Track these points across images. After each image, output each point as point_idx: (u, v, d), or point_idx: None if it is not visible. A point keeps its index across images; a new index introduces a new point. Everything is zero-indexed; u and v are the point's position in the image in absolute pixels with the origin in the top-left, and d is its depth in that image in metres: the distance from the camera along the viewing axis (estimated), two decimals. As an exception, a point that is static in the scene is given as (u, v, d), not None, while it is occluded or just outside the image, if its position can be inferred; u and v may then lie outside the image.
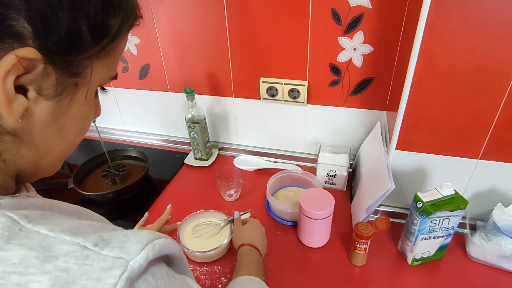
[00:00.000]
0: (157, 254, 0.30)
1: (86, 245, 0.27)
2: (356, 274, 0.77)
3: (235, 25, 0.96)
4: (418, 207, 0.71)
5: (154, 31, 1.06)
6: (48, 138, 0.32)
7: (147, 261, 0.28)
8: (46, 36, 0.27)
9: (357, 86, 0.96)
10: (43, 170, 0.36)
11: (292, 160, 1.15)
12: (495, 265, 0.77)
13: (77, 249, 0.26)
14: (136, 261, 0.27)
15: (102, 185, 1.05)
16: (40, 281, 0.24)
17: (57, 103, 0.31)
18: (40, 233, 0.26)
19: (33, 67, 0.28)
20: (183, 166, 1.17)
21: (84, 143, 1.34)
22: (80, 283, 0.24)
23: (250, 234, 0.74)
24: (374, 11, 0.83)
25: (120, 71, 1.19)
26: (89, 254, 0.26)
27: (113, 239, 0.28)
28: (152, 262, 0.29)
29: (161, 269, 0.31)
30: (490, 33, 0.61)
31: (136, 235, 0.30)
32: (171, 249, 0.33)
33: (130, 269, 0.26)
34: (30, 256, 0.25)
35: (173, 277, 0.32)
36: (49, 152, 0.34)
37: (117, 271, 0.26)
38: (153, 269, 0.30)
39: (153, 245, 0.29)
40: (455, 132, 0.73)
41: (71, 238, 0.27)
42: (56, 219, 0.29)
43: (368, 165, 0.91)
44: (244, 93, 1.08)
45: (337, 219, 0.89)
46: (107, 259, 0.26)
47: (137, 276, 0.27)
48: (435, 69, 0.67)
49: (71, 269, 0.25)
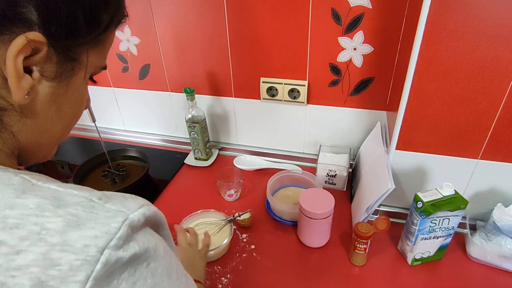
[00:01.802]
0: (152, 216, 0.34)
1: (92, 198, 0.31)
2: (356, 274, 0.77)
3: (235, 25, 0.96)
4: (418, 207, 0.71)
5: (154, 31, 1.06)
6: (48, 117, 0.36)
7: (144, 217, 0.32)
8: (50, 23, 0.32)
9: (357, 86, 0.96)
10: (40, 151, 0.39)
11: (292, 160, 1.15)
12: (495, 265, 0.77)
13: (84, 200, 0.30)
14: (135, 215, 0.31)
15: (102, 185, 1.05)
16: (55, 222, 0.28)
17: (57, 84, 0.35)
18: (50, 188, 0.31)
19: (38, 50, 0.32)
20: (183, 166, 1.17)
21: (84, 143, 1.35)
22: (89, 225, 0.28)
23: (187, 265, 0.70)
24: (374, 11, 0.83)
25: (120, 71, 1.19)
26: (94, 205, 0.30)
27: (114, 197, 0.33)
28: (148, 224, 0.33)
29: (161, 240, 0.35)
30: (490, 33, 0.61)
31: (133, 198, 0.34)
32: (161, 218, 0.37)
33: (131, 219, 0.30)
34: (44, 203, 0.29)
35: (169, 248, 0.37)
36: (48, 132, 0.37)
37: (120, 218, 0.30)
38: (151, 231, 0.33)
39: (149, 207, 0.33)
40: (455, 132, 0.73)
41: (79, 192, 0.31)
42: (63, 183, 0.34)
43: (368, 165, 0.91)
44: (244, 93, 1.08)
45: (337, 219, 0.89)
46: (110, 210, 0.30)
47: (137, 229, 0.31)
48: (435, 69, 0.67)
49: (80, 214, 0.29)
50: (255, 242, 0.86)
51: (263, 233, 0.89)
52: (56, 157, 1.27)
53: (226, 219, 0.87)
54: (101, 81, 1.24)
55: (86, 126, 1.40)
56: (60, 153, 1.30)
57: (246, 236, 0.88)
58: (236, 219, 0.88)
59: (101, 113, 1.32)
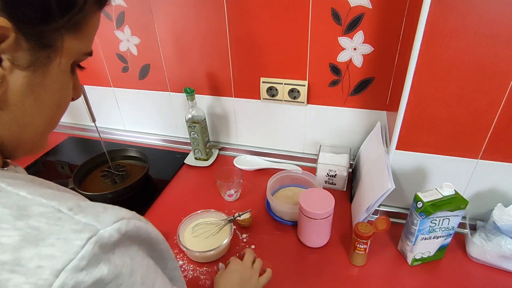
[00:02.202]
0: (132, 231, 0.30)
1: (60, 209, 0.27)
2: (356, 274, 0.77)
3: (235, 25, 0.96)
4: (418, 207, 0.71)
5: (154, 31, 1.06)
6: (26, 109, 0.33)
7: (119, 234, 0.28)
8: (15, 6, 0.29)
9: (357, 86, 0.96)
10: (26, 145, 0.36)
11: (292, 160, 1.15)
12: (495, 265, 0.77)
13: (50, 211, 0.27)
14: (107, 230, 0.27)
15: (102, 185, 1.05)
16: (10, 235, 0.25)
17: (32, 73, 0.32)
18: (19, 194, 0.28)
19: (4, 37, 0.29)
20: (183, 166, 1.17)
21: (84, 143, 1.35)
22: (48, 241, 0.25)
23: (229, 283, 0.65)
24: (374, 11, 0.83)
25: (120, 71, 1.19)
26: (61, 217, 0.27)
27: (90, 208, 0.29)
28: (129, 242, 0.30)
29: (143, 260, 0.31)
30: (490, 33, 0.61)
31: (114, 210, 0.30)
32: (152, 233, 0.33)
33: (100, 236, 0.27)
34: (4, 213, 0.26)
35: (154, 273, 0.33)
36: (29, 125, 0.35)
37: (85, 235, 0.26)
38: (133, 253, 0.30)
39: (128, 222, 0.30)
40: (455, 132, 0.73)
41: (47, 201, 0.28)
42: (39, 188, 0.30)
43: (368, 165, 0.91)
44: (244, 93, 1.08)
45: (337, 219, 0.89)
46: (79, 223, 0.27)
47: (110, 247, 0.27)
48: (435, 69, 0.67)
49: (42, 227, 0.26)
50: (255, 242, 0.86)
51: (263, 233, 0.89)
52: (56, 157, 1.27)
53: (226, 219, 0.87)
54: (101, 81, 1.24)
55: (86, 126, 1.40)
56: (60, 153, 1.30)
57: (246, 236, 0.88)
58: (236, 219, 0.88)
59: (101, 113, 1.32)
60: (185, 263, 0.82)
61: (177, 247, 0.85)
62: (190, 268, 0.80)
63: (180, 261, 0.82)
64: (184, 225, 0.86)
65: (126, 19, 1.06)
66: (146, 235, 0.32)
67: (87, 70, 1.32)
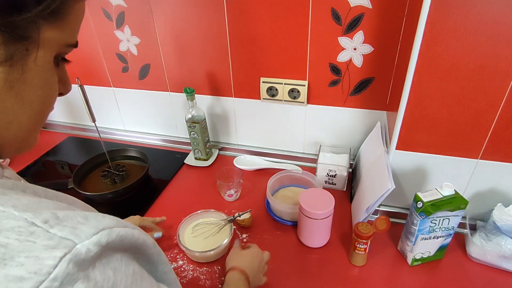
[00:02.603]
0: (115, 242, 0.28)
1: (34, 221, 0.25)
2: (356, 274, 0.77)
3: (235, 25, 0.96)
4: (418, 207, 0.71)
5: (154, 31, 1.06)
6: (7, 107, 0.31)
7: (98, 247, 0.26)
8: None
9: (357, 86, 0.96)
10: (12, 144, 0.34)
11: (292, 160, 1.15)
12: (495, 265, 0.77)
13: (23, 224, 0.25)
14: (84, 245, 0.25)
15: (102, 185, 1.05)
16: None
17: (9, 68, 0.30)
18: None
19: None
20: (183, 166, 1.17)
21: (84, 143, 1.35)
22: (17, 260, 0.23)
23: (245, 260, 0.69)
24: (374, 11, 0.83)
25: (120, 71, 1.19)
26: (35, 231, 0.24)
27: (68, 218, 0.27)
28: (112, 252, 0.28)
29: (128, 266, 0.29)
30: (490, 33, 0.61)
31: (97, 219, 0.28)
32: (139, 239, 0.31)
33: (75, 252, 0.24)
34: None
35: (140, 281, 0.31)
36: (13, 123, 0.33)
37: (58, 252, 0.24)
38: (116, 263, 0.28)
39: (110, 232, 0.27)
40: (455, 132, 0.73)
41: (20, 213, 0.25)
42: (15, 196, 0.28)
43: (368, 165, 0.91)
44: (244, 93, 1.08)
45: (337, 219, 0.89)
46: (54, 237, 0.24)
47: (89, 262, 0.25)
48: (435, 69, 0.67)
49: (11, 244, 0.23)
50: (255, 242, 0.86)
51: (263, 233, 0.89)
52: (56, 157, 1.27)
53: (226, 219, 0.87)
54: (101, 81, 1.24)
55: (86, 126, 1.40)
56: (60, 153, 1.30)
57: (246, 236, 0.88)
58: (236, 219, 0.88)
59: (101, 113, 1.32)
60: (185, 263, 0.82)
61: (177, 247, 0.85)
62: (190, 268, 0.80)
63: (180, 261, 0.82)
64: (184, 225, 0.86)
65: (126, 19, 1.06)
66: (131, 242, 0.30)
67: (87, 70, 1.32)
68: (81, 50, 1.18)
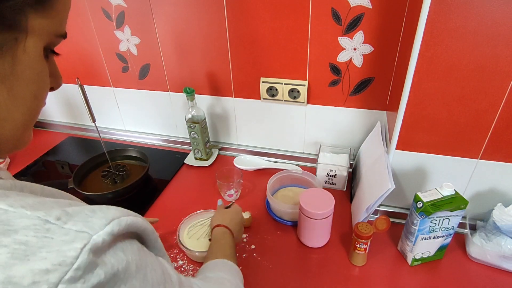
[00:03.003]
0: (123, 230, 0.30)
1: (48, 219, 0.26)
2: (356, 274, 0.77)
3: (235, 25, 0.96)
4: (418, 207, 0.71)
5: (154, 31, 1.06)
6: (0, 103, 0.31)
7: (111, 236, 0.28)
8: None
9: (357, 86, 0.96)
10: (7, 142, 0.34)
11: (292, 160, 1.15)
12: (495, 265, 0.77)
13: (38, 223, 0.26)
14: (100, 235, 0.27)
15: (102, 185, 1.05)
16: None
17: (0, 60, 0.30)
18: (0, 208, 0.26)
19: None
20: (183, 166, 1.17)
21: (84, 143, 1.35)
22: (40, 255, 0.24)
23: (227, 218, 0.75)
24: (374, 11, 0.83)
25: (120, 71, 1.19)
26: (50, 228, 0.26)
27: (77, 213, 0.28)
28: (120, 237, 0.30)
29: (132, 245, 0.31)
30: (490, 33, 0.61)
31: (103, 211, 0.29)
32: (141, 226, 0.33)
33: (93, 243, 0.26)
34: None
35: (145, 255, 0.33)
36: (6, 120, 0.32)
37: (78, 244, 0.25)
38: (123, 244, 0.30)
39: (119, 221, 0.29)
40: (455, 132, 0.73)
41: (32, 212, 0.26)
42: (19, 197, 0.29)
43: (368, 165, 0.91)
44: (244, 93, 1.08)
45: (337, 219, 0.89)
46: (69, 232, 0.26)
47: (103, 250, 0.27)
48: (435, 69, 0.67)
49: (30, 242, 0.25)
50: (255, 242, 0.86)
51: (263, 233, 0.89)
52: (56, 157, 1.27)
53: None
54: (101, 81, 1.24)
55: (86, 126, 1.40)
56: (60, 153, 1.30)
57: (246, 236, 0.88)
58: None
59: (101, 113, 1.32)
60: (185, 263, 0.82)
61: (177, 247, 0.85)
62: (190, 268, 0.80)
63: (180, 261, 0.82)
64: (184, 225, 0.86)
65: (126, 19, 1.06)
66: (136, 227, 0.32)
67: (87, 70, 1.32)
68: (81, 50, 1.18)
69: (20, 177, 1.16)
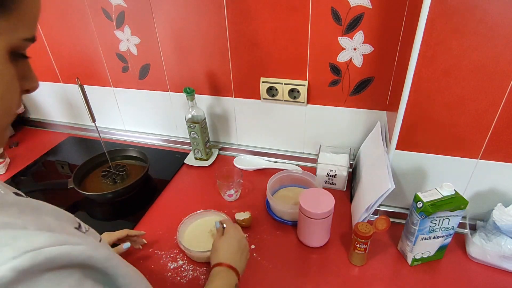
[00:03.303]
0: (41, 264, 0.26)
1: None
2: (356, 274, 0.77)
3: (235, 24, 0.96)
4: (418, 207, 0.71)
5: (154, 31, 1.06)
6: None
7: (16, 272, 0.24)
8: None
9: (357, 86, 0.96)
10: None
11: (292, 160, 1.15)
12: (495, 265, 0.77)
13: None
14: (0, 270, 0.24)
15: (102, 185, 1.05)
16: None
17: None
18: None
19: None
20: (183, 166, 1.17)
21: (84, 143, 1.35)
22: None
23: (225, 250, 0.66)
24: (374, 11, 0.83)
25: (120, 71, 1.19)
26: None
27: None
28: (39, 274, 0.26)
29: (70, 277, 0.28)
30: (490, 33, 0.61)
31: (28, 239, 0.26)
32: (80, 256, 0.29)
33: None
34: None
35: None
36: None
37: None
38: (53, 276, 0.27)
39: (36, 254, 0.26)
40: (455, 132, 0.73)
41: None
42: None
43: (368, 165, 0.91)
44: (244, 93, 1.08)
45: (337, 219, 0.89)
46: None
47: (4, 286, 0.24)
48: (435, 69, 0.67)
49: None
50: (255, 242, 0.86)
51: (263, 233, 0.89)
52: (56, 157, 1.27)
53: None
54: (101, 81, 1.24)
55: (86, 126, 1.40)
56: (60, 153, 1.30)
57: (246, 236, 0.88)
58: (236, 219, 0.88)
59: (101, 113, 1.32)
60: (185, 263, 0.82)
61: (177, 247, 0.85)
62: (190, 268, 0.80)
63: (180, 261, 0.82)
64: (184, 225, 0.86)
65: (126, 19, 1.06)
66: (70, 259, 0.29)
67: (87, 70, 1.32)
68: (81, 50, 1.18)
69: (20, 177, 1.16)
